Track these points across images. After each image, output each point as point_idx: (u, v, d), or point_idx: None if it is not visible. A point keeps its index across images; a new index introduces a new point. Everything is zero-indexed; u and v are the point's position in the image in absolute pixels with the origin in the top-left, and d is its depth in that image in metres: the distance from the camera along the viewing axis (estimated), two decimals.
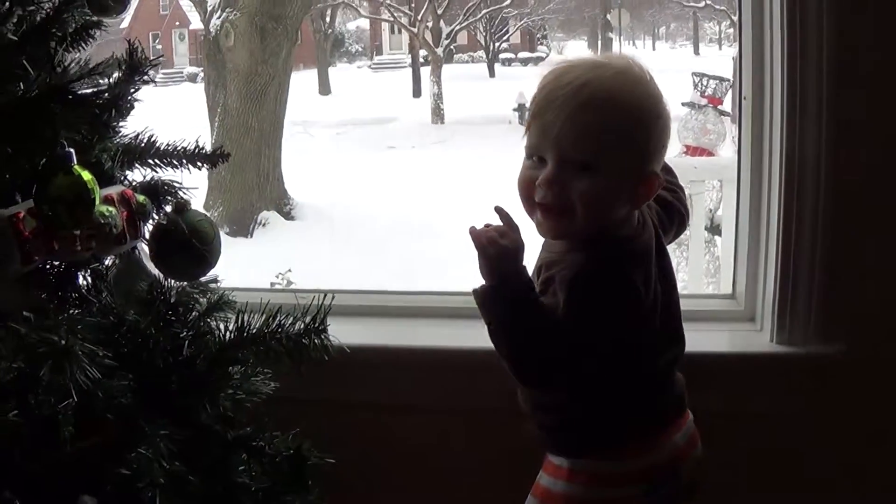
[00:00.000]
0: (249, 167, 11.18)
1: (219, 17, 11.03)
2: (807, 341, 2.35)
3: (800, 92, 2.23)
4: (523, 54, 28.07)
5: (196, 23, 19.22)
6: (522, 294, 1.80)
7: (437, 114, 19.02)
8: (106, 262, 1.91)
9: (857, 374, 2.33)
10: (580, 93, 1.76)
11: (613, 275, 1.79)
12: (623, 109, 1.76)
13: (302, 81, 18.60)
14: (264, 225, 11.34)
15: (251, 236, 11.12)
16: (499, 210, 1.84)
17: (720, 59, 18.82)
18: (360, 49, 30.83)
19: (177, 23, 25.33)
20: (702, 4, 21.54)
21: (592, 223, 1.80)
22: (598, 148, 1.75)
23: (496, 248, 1.79)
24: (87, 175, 1.63)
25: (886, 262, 2.33)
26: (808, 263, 2.31)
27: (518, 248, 1.81)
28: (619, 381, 1.86)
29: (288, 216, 11.76)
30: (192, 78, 22.81)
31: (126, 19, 15.25)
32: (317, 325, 1.91)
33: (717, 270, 6.32)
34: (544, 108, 1.79)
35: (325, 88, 23.75)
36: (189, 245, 1.78)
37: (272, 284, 6.85)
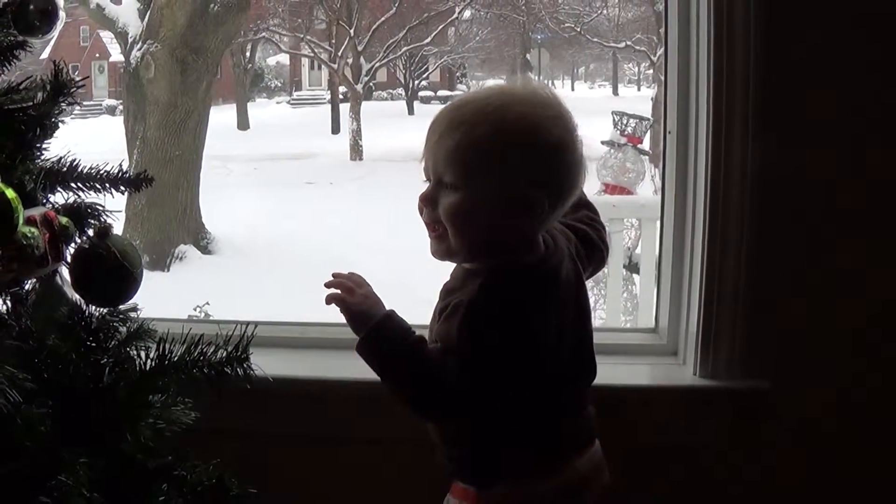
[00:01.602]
0: (167, 199, 11.08)
1: (139, 49, 10.95)
2: (730, 375, 2.37)
3: (725, 126, 2.26)
4: (442, 92, 28.17)
5: (116, 55, 19.04)
6: (396, 340, 1.82)
7: (356, 150, 19.03)
8: (26, 287, 1.88)
9: (780, 408, 2.37)
10: (453, 112, 1.79)
11: (503, 304, 1.78)
12: (491, 127, 1.74)
13: (221, 116, 18.52)
14: (181, 259, 11.23)
15: (168, 270, 11.00)
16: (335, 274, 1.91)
17: (639, 100, 19.12)
18: (280, 84, 30.76)
19: (97, 55, 25.06)
20: (622, 45, 21.73)
21: (468, 243, 1.81)
22: (461, 166, 1.76)
23: (353, 297, 1.85)
24: (10, 193, 1.59)
25: (810, 299, 2.37)
26: (731, 297, 2.34)
27: (371, 296, 1.87)
28: (523, 411, 1.86)
29: (205, 250, 11.67)
30: (112, 110, 22.64)
31: (46, 50, 15.08)
32: (239, 353, 1.89)
33: (635, 308, 6.38)
34: (428, 129, 1.82)
35: (243, 123, 23.64)
36: (121, 268, 1.74)
37: (190, 317, 6.77)
